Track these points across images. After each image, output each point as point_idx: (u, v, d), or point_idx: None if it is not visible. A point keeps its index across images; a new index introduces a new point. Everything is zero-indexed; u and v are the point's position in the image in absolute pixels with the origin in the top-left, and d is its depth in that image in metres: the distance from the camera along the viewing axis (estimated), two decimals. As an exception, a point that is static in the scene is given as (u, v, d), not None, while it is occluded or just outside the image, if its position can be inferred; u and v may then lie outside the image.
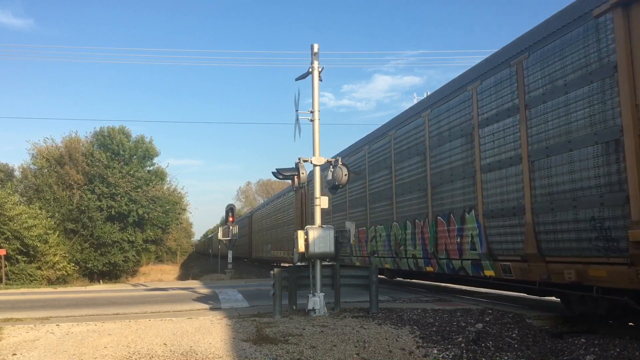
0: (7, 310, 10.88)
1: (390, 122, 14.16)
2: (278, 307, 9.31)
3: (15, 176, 39.39)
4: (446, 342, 7.10)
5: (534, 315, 8.59)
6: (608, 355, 6.33)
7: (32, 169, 39.58)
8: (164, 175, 43.99)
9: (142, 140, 43.14)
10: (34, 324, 8.73)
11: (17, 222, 26.80)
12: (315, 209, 10.12)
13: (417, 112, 12.32)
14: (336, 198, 16.61)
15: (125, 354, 6.51)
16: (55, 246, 30.58)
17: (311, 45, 10.29)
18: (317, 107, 10.18)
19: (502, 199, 8.88)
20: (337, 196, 16.16)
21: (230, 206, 27.78)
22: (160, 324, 8.51)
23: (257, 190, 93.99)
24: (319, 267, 9.75)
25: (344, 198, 16.60)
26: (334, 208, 17.06)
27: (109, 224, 38.72)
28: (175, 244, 70.88)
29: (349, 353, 6.54)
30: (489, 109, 9.31)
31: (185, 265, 66.43)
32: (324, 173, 11.05)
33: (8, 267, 25.56)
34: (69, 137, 40.91)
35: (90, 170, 38.94)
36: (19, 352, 6.64)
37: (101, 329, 8.12)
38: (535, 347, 6.88)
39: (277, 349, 6.58)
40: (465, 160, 10.00)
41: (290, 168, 10.29)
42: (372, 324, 8.25)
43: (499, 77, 9.07)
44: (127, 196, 38.94)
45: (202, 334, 7.53)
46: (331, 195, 12.12)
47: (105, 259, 38.57)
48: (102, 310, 10.77)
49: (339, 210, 17.05)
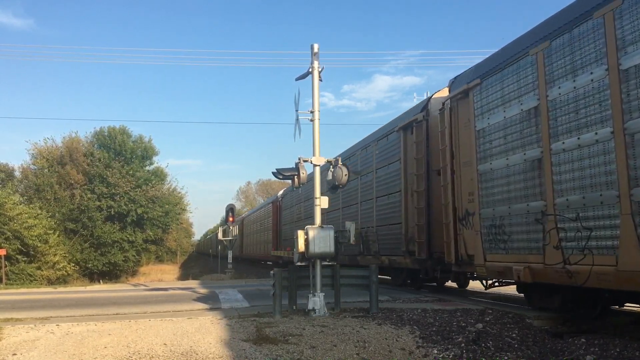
0: (7, 310, 10.88)
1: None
2: (278, 307, 9.31)
3: (15, 176, 39.41)
4: (446, 342, 7.10)
5: (534, 315, 8.59)
6: (608, 355, 6.33)
7: (32, 169, 39.63)
8: (163, 175, 44.07)
9: (141, 139, 43.21)
10: (34, 324, 8.73)
11: (18, 222, 26.81)
12: (315, 209, 10.12)
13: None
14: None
15: (125, 354, 6.51)
16: (56, 246, 30.61)
17: (311, 45, 10.30)
18: (317, 107, 10.18)
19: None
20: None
21: (230, 206, 27.78)
22: (160, 324, 8.51)
23: (257, 190, 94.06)
24: (319, 267, 9.75)
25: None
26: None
27: (108, 223, 38.75)
28: (175, 244, 70.92)
29: (349, 353, 6.54)
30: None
31: (185, 265, 66.45)
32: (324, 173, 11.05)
33: (8, 267, 25.57)
34: (69, 137, 41.04)
35: (90, 170, 38.97)
36: (19, 352, 6.64)
37: (101, 329, 8.12)
38: (535, 347, 6.88)
39: (277, 349, 6.58)
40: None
41: (290, 168, 10.28)
42: (372, 324, 8.25)
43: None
44: (126, 196, 38.96)
45: (202, 334, 7.53)
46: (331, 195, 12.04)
47: (105, 259, 38.60)
48: (102, 310, 10.76)
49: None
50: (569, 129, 7.48)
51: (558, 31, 7.81)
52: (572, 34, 7.51)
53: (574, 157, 7.37)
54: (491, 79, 9.38)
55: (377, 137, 15.45)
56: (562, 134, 7.60)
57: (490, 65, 9.56)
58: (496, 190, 9.14)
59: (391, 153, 14.21)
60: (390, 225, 14.03)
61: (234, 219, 27.41)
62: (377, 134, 15.72)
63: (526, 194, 8.39)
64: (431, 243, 12.05)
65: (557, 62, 7.77)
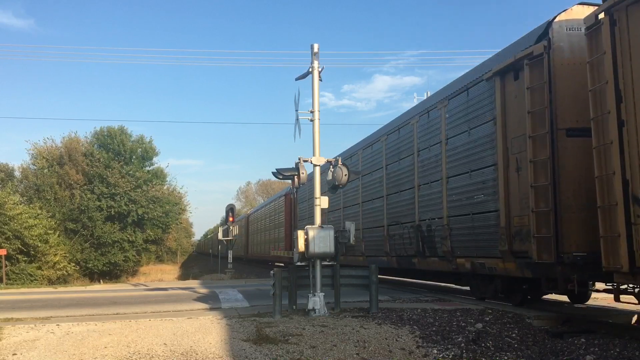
0: (7, 310, 10.88)
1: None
2: (278, 307, 9.31)
3: (15, 176, 39.41)
4: (446, 341, 7.10)
5: (534, 315, 8.59)
6: (608, 355, 6.33)
7: (32, 169, 39.62)
8: (164, 175, 44.05)
9: (141, 140, 43.20)
10: (34, 323, 8.73)
11: (18, 222, 26.84)
12: (315, 209, 10.12)
13: None
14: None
15: (126, 353, 6.52)
16: (56, 246, 30.63)
17: (311, 45, 10.31)
18: (317, 107, 10.19)
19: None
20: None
21: (230, 206, 27.78)
22: (161, 323, 8.51)
23: (257, 191, 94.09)
24: (319, 267, 9.75)
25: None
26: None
27: (108, 224, 38.75)
28: (175, 244, 70.97)
29: (349, 353, 6.54)
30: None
31: (185, 265, 66.41)
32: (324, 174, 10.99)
33: (8, 266, 25.59)
34: (68, 137, 41.02)
35: (90, 170, 38.97)
36: (19, 352, 6.64)
37: (101, 328, 8.12)
38: (535, 347, 6.89)
39: (277, 349, 6.59)
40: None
41: (290, 168, 10.29)
42: (372, 323, 8.25)
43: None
44: (126, 196, 38.96)
45: (202, 334, 7.53)
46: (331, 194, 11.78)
47: (106, 259, 38.61)
48: (102, 310, 10.77)
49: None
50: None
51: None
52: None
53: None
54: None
55: (447, 96, 11.52)
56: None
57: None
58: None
59: (477, 112, 10.33)
60: (475, 215, 10.23)
61: (234, 219, 27.39)
62: (445, 93, 11.84)
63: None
64: (560, 239, 8.22)
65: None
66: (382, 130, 15.48)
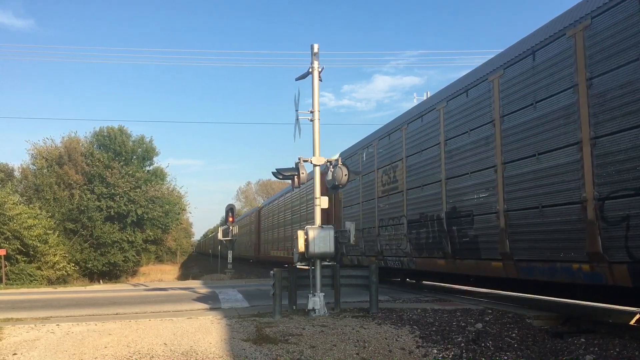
0: (7, 310, 10.88)
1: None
2: (278, 307, 9.32)
3: (15, 176, 39.42)
4: (446, 341, 7.10)
5: (534, 315, 8.59)
6: (608, 355, 6.34)
7: (32, 169, 39.63)
8: (163, 175, 44.06)
9: (142, 140, 43.20)
10: (34, 323, 8.73)
11: (17, 222, 26.82)
12: (316, 209, 10.13)
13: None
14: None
15: (126, 353, 6.52)
16: (55, 246, 30.62)
17: (311, 45, 10.31)
18: (317, 107, 10.19)
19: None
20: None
21: (230, 206, 27.78)
22: (161, 323, 8.51)
23: (257, 190, 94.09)
24: (319, 267, 9.75)
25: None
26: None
27: (108, 224, 38.75)
28: (175, 244, 71.01)
29: (349, 353, 6.54)
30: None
31: (185, 265, 66.42)
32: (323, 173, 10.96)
33: (8, 267, 25.57)
34: (68, 137, 41.01)
35: (89, 170, 38.97)
36: (19, 352, 6.64)
37: (101, 328, 8.12)
38: (535, 347, 6.89)
39: (277, 349, 6.59)
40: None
41: (290, 168, 10.29)
42: (372, 323, 8.25)
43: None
44: (126, 196, 38.96)
45: (202, 334, 7.53)
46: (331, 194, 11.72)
47: (105, 259, 38.61)
48: (102, 310, 10.77)
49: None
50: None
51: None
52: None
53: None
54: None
55: (502, 64, 9.33)
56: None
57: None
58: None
59: (546, 81, 8.19)
60: (546, 209, 8.08)
61: (234, 219, 27.37)
62: (499, 61, 9.55)
63: None
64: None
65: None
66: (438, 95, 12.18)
